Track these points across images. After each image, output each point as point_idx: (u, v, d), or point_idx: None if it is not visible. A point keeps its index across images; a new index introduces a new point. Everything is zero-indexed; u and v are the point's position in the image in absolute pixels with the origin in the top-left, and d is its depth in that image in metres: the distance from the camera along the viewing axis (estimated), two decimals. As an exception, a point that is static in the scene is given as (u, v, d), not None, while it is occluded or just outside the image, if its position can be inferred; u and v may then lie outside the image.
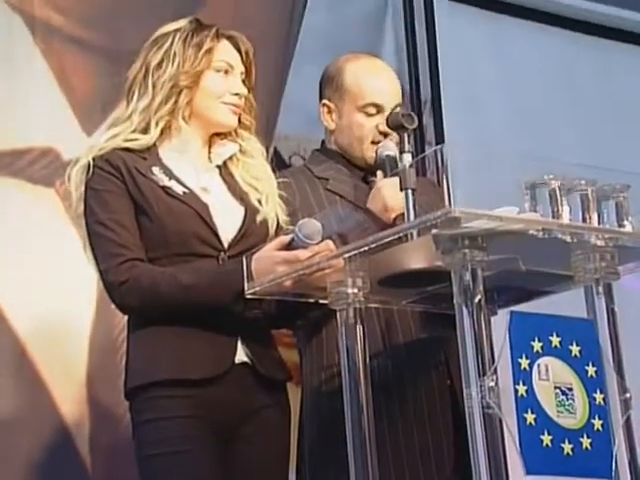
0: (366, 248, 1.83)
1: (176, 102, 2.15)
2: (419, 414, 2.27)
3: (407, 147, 2.20)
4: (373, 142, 2.40)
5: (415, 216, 1.84)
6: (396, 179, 2.18)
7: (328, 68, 2.53)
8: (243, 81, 2.23)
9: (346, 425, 1.93)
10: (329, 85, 2.48)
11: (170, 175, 2.14)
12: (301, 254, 1.95)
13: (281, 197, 2.24)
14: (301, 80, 3.83)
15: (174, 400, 2.03)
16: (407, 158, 2.17)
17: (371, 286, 1.97)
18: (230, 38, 2.24)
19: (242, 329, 2.11)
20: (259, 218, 2.17)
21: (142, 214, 2.11)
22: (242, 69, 2.23)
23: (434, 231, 1.76)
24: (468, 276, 1.78)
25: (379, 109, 2.40)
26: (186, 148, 2.19)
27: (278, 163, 3.95)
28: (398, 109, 2.32)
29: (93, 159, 2.12)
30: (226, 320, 2.08)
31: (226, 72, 2.20)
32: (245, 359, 2.11)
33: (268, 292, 2.02)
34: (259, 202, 2.20)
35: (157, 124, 2.15)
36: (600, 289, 1.92)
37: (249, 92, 2.24)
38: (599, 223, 1.89)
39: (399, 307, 2.16)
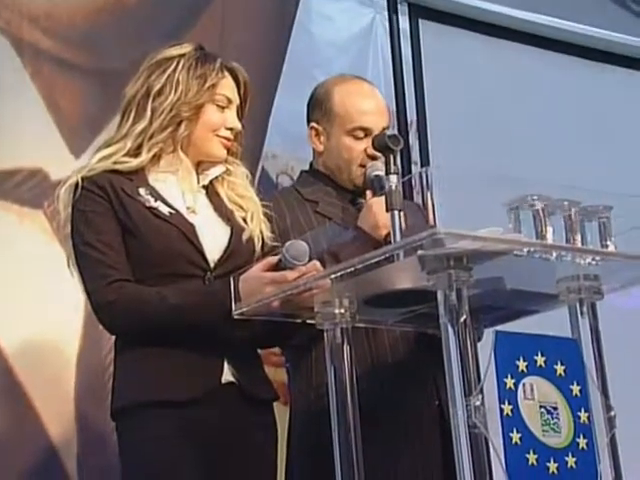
0: (352, 269, 1.85)
1: (174, 131, 2.17)
2: (407, 435, 2.28)
3: (393, 168, 2.21)
4: (361, 165, 2.42)
5: (401, 237, 1.85)
6: (381, 204, 2.24)
7: (316, 90, 2.55)
8: (237, 111, 2.26)
9: (333, 445, 1.93)
10: (317, 108, 2.50)
11: (156, 196, 2.15)
12: (289, 275, 1.97)
13: (265, 215, 2.26)
14: (288, 99, 3.85)
15: (160, 421, 2.03)
16: (393, 179, 2.18)
17: (358, 306, 1.98)
18: (231, 70, 2.26)
19: (228, 349, 2.12)
20: (245, 237, 2.19)
21: (129, 235, 2.11)
22: (238, 101, 2.26)
23: (420, 252, 1.77)
24: (454, 296, 1.80)
25: (367, 132, 2.43)
26: (173, 171, 2.21)
27: (265, 182, 3.98)
28: (385, 131, 2.34)
29: (82, 179, 2.13)
30: (212, 340, 2.09)
31: (224, 107, 2.22)
32: (231, 379, 2.11)
33: (256, 312, 2.03)
34: (244, 220, 2.22)
35: (150, 150, 2.17)
36: (584, 309, 1.94)
37: (241, 121, 2.26)
38: (583, 243, 1.91)
39: (386, 327, 2.17)
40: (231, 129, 2.23)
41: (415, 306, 2.01)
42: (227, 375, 2.11)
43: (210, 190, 2.25)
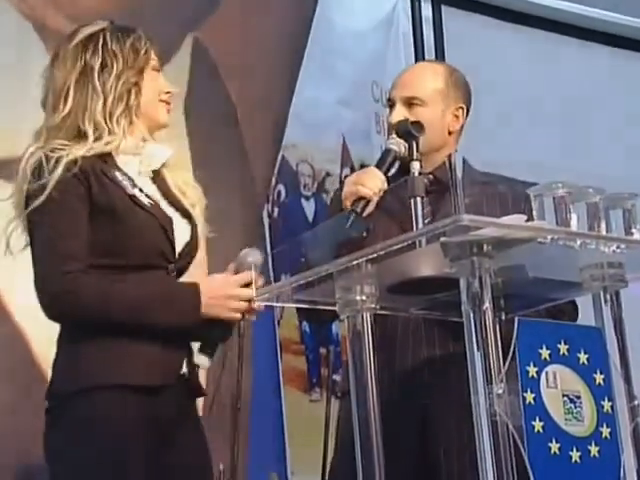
0: (374, 255, 1.84)
1: (127, 100, 2.12)
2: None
3: (416, 155, 2.20)
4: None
5: (424, 224, 1.84)
6: (368, 168, 2.29)
7: None
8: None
9: (354, 433, 1.93)
10: None
11: (132, 183, 2.11)
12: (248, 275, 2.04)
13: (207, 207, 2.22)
14: (309, 88, 3.84)
15: (117, 404, 1.99)
16: (416, 166, 2.17)
17: (380, 293, 1.98)
18: (151, 39, 2.21)
19: (188, 342, 2.12)
20: (199, 231, 2.18)
21: (106, 218, 2.04)
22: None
23: (443, 239, 1.76)
24: (476, 284, 1.79)
25: (391, 103, 2.43)
26: (138, 150, 2.15)
27: (286, 170, 3.97)
28: (409, 118, 2.32)
29: (58, 158, 2.04)
30: (177, 332, 2.06)
31: (159, 71, 2.20)
32: (185, 371, 2.10)
33: (278, 299, 2.03)
34: (190, 208, 2.18)
35: (118, 122, 2.10)
36: (608, 297, 1.93)
37: None
38: (607, 231, 1.89)
39: (408, 314, 2.16)
40: (169, 92, 2.19)
41: (437, 294, 2.00)
42: (184, 367, 2.10)
43: (156, 175, 2.18)
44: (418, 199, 1.92)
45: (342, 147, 4.11)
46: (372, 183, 2.21)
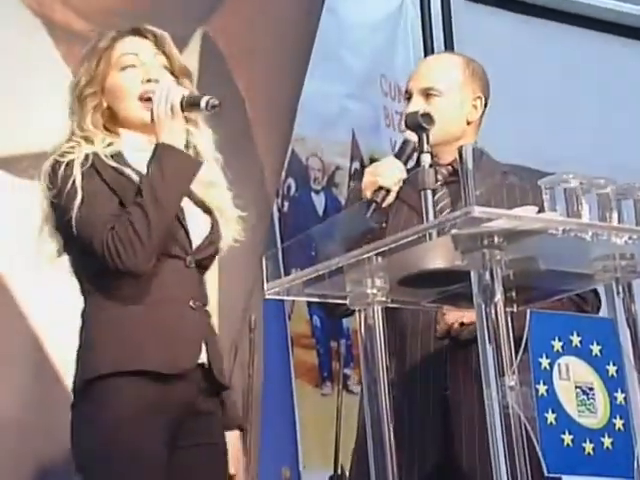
0: (385, 248, 1.84)
1: (96, 112, 2.12)
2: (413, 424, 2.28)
3: (426, 147, 2.20)
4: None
5: (434, 216, 1.84)
6: (387, 158, 2.28)
7: None
8: (168, 69, 2.15)
9: (366, 425, 1.93)
10: None
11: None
12: None
13: (237, 207, 2.22)
14: (318, 82, 3.84)
15: (134, 393, 2.01)
16: (426, 158, 2.16)
17: (391, 286, 1.97)
18: (135, 31, 2.16)
19: (205, 329, 2.13)
20: (220, 230, 2.18)
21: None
22: (155, 52, 2.14)
23: (454, 231, 1.76)
24: (487, 276, 1.78)
25: (408, 94, 2.43)
26: (143, 148, 2.14)
27: (295, 164, 3.97)
28: (419, 110, 2.31)
29: (87, 157, 2.08)
30: (190, 318, 2.09)
31: (133, 66, 2.13)
32: (204, 361, 2.11)
33: (288, 292, 2.02)
34: (218, 217, 2.19)
35: (94, 136, 2.11)
36: (620, 288, 1.92)
37: (181, 77, 2.15)
38: (619, 222, 1.88)
39: (419, 307, 2.16)
40: (149, 81, 2.10)
41: (448, 286, 1.99)
42: (203, 356, 2.11)
43: None
44: (428, 192, 1.91)
45: (352, 141, 4.11)
46: (391, 173, 2.22)
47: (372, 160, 4.21)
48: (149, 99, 2.10)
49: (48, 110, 2.98)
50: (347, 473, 2.45)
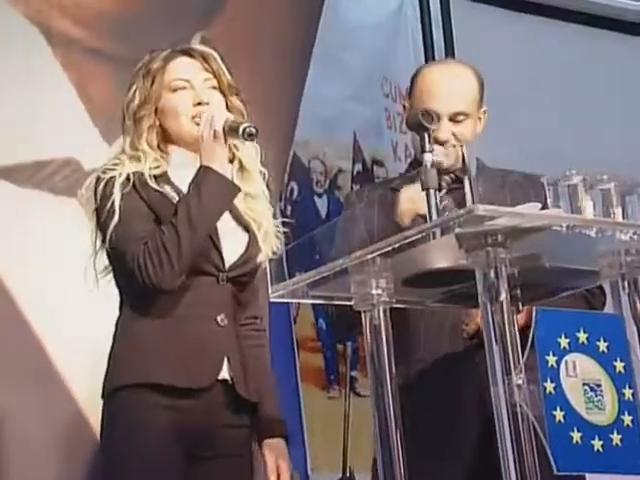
0: (389, 248, 1.83)
1: (150, 132, 2.18)
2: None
3: (428, 147, 2.19)
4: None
5: (438, 215, 1.83)
6: (416, 185, 2.18)
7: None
8: (217, 88, 2.21)
9: (372, 425, 1.92)
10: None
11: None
12: None
13: (277, 233, 2.25)
14: (319, 84, 3.83)
15: (154, 407, 2.06)
16: (428, 158, 2.16)
17: (395, 286, 1.97)
18: (184, 52, 2.23)
19: (229, 346, 2.14)
20: (258, 248, 2.20)
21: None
22: (205, 77, 2.21)
23: (457, 230, 1.75)
24: (492, 274, 1.78)
25: (433, 116, 2.34)
26: (189, 164, 2.18)
27: (298, 168, 3.96)
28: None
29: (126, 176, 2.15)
30: (215, 334, 2.12)
31: (184, 88, 2.20)
32: (227, 377, 2.13)
33: (293, 295, 2.02)
34: (257, 230, 2.21)
35: (146, 156, 2.17)
36: (626, 284, 1.91)
37: (229, 96, 2.23)
38: (623, 218, 1.88)
39: (424, 307, 2.15)
40: (199, 104, 2.17)
41: (453, 285, 1.99)
42: (224, 372, 2.13)
43: None
44: (431, 191, 1.90)
45: (353, 143, 4.10)
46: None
47: (374, 162, 4.21)
48: (194, 116, 2.18)
49: (49, 118, 2.99)
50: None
